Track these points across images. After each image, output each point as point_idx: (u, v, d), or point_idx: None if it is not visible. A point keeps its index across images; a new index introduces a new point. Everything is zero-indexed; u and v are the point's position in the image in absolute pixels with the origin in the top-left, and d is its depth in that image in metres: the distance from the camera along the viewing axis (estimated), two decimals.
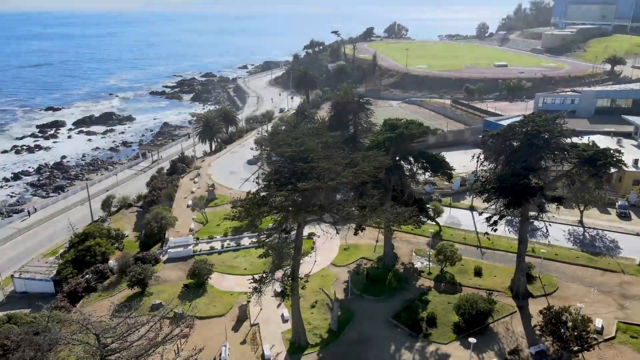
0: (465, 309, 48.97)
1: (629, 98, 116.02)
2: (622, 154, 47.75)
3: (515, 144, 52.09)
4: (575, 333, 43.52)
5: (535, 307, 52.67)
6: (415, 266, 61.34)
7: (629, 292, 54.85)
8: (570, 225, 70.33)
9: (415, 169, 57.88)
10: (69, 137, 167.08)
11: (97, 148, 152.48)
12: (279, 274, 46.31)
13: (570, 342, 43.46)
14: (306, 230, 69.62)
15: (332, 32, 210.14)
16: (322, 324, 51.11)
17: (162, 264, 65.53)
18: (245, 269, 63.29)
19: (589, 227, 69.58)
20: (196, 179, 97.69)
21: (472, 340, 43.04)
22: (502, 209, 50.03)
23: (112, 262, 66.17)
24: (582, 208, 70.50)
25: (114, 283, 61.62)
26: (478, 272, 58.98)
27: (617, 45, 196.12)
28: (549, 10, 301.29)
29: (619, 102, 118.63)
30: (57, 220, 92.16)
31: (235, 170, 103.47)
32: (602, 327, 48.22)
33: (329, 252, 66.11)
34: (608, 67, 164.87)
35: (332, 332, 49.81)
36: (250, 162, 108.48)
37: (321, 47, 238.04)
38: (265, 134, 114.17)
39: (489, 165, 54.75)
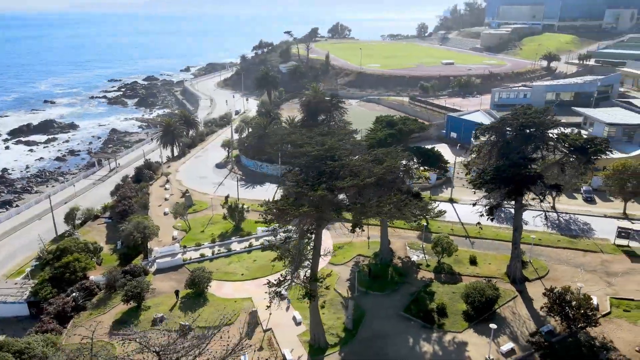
0: (475, 297, 50.57)
1: (572, 91, 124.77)
2: (608, 141, 51.44)
3: (507, 136, 54.44)
4: (582, 311, 46.30)
5: (533, 290, 55.53)
6: (412, 259, 62.54)
7: (611, 269, 59.10)
8: (545, 211, 74.44)
9: (411, 164, 58.96)
10: (7, 147, 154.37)
11: (42, 158, 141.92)
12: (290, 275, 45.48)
13: (577, 320, 46.19)
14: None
15: (285, 32, 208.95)
16: (335, 323, 50.87)
17: (152, 275, 62.32)
18: (242, 274, 61.72)
19: (562, 212, 74.13)
20: (167, 186, 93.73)
21: (492, 326, 44.61)
22: (500, 198, 52.15)
23: (96, 277, 62.00)
24: (554, 194, 74.84)
25: (103, 299, 57.75)
26: (473, 261, 61.15)
27: (548, 43, 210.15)
28: (481, 10, 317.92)
29: (563, 95, 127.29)
30: (14, 237, 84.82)
31: (205, 175, 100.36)
32: (597, 304, 51.56)
33: (324, 252, 65.57)
34: (545, 63, 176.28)
35: (348, 330, 49.74)
36: (219, 166, 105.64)
37: (270, 48, 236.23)
38: (235, 137, 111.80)
39: (482, 157, 56.74)
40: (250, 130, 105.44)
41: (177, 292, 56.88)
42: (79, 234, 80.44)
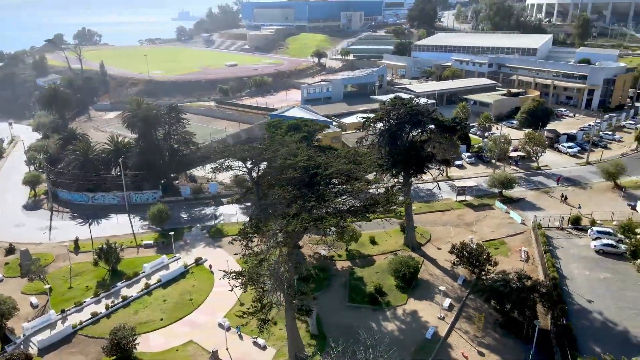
0: (403, 270, 56.70)
1: (361, 82, 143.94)
2: (468, 119, 63.86)
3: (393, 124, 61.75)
4: (484, 257, 57.43)
5: (430, 252, 65.17)
6: (322, 254, 64.92)
7: (466, 220, 73.63)
8: (437, 181, 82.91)
9: None
10: None
11: None
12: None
13: (483, 264, 57.06)
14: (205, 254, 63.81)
15: (45, 41, 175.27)
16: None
17: (38, 359, 48.22)
18: (161, 319, 53.61)
19: (456, 179, 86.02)
20: None
21: (442, 288, 51.27)
22: (405, 178, 59.23)
23: None
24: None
25: None
26: (373, 241, 67.42)
27: (308, 42, 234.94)
28: (235, 13, 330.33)
29: (350, 87, 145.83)
30: None
31: (20, 222, 79.71)
32: None
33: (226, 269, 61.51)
34: (316, 60, 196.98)
35: (316, 336, 49.55)
36: (29, 208, 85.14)
37: (7, 61, 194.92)
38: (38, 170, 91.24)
39: (372, 144, 62.62)
40: (70, 157, 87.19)
41: None
42: None
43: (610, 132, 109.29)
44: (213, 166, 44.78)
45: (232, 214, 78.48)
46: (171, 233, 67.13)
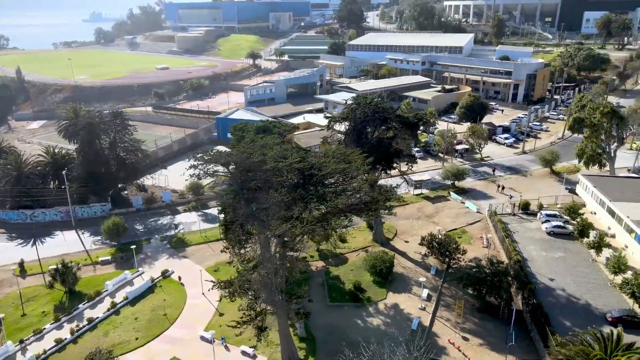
0: (379, 266, 57.65)
1: (303, 82, 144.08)
2: (424, 115, 66.09)
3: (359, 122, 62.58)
4: (454, 246, 60.01)
5: (399, 246, 66.81)
6: (293, 255, 64.19)
7: (426, 212, 76.35)
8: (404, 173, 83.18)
9: None
10: None
11: None
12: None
13: (453, 253, 59.60)
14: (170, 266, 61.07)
15: None
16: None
17: None
18: (136, 338, 50.38)
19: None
20: None
21: (422, 279, 52.75)
22: (377, 175, 60.28)
23: None
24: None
25: None
26: (343, 240, 67.58)
27: (240, 43, 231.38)
28: (157, 14, 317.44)
29: (292, 88, 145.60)
30: None
31: None
32: None
33: (199, 279, 58.81)
34: (251, 61, 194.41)
35: (305, 339, 49.06)
36: None
37: None
38: None
39: (339, 142, 63.09)
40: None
41: None
42: None
43: (538, 123, 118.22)
44: (194, 172, 42.63)
45: (192, 222, 75.59)
46: (133, 247, 63.30)
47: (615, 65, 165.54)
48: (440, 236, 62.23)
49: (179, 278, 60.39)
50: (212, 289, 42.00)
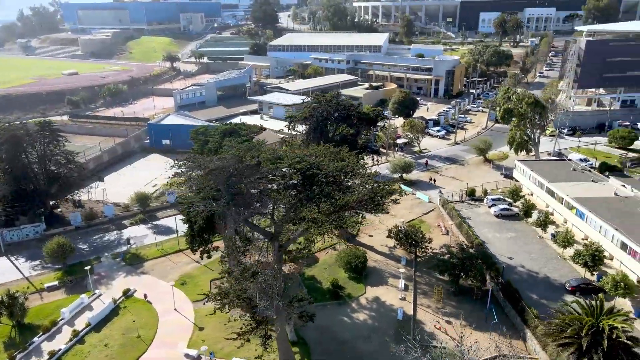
0: (355, 262, 58.18)
1: (233, 84, 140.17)
2: (384, 110, 67.66)
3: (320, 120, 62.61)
4: (420, 236, 62.28)
5: (365, 240, 67.84)
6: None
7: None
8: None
9: None
10: None
11: None
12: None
13: (419, 242, 61.87)
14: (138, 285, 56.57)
15: None
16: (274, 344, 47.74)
17: None
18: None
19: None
20: None
21: (401, 270, 53.97)
22: None
23: None
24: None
25: None
26: (308, 239, 67.22)
27: (152, 45, 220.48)
28: (52, 14, 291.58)
29: (221, 90, 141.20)
30: None
31: None
32: None
33: (166, 295, 55.41)
34: (168, 64, 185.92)
35: (296, 342, 48.07)
36: None
37: None
38: None
39: (302, 142, 62.68)
40: None
41: None
42: None
43: (462, 116, 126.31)
44: (182, 180, 39.70)
45: (143, 235, 70.71)
46: (87, 267, 57.66)
47: (516, 60, 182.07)
48: (405, 227, 64.20)
49: (145, 296, 56.13)
50: (206, 303, 39.50)
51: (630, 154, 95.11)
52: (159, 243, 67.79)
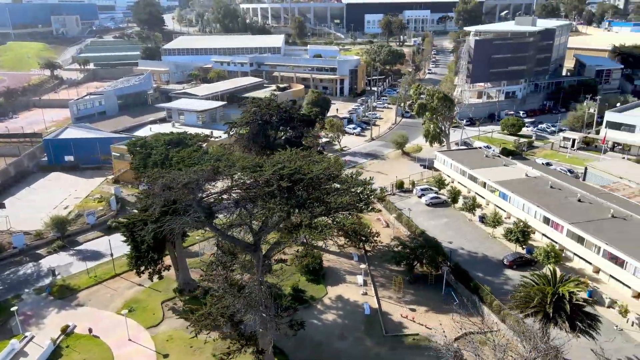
0: (312, 264, 58.17)
1: (136, 91, 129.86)
2: (318, 111, 68.06)
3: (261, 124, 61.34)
4: (368, 231, 63.98)
5: (314, 241, 67.70)
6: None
7: None
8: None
9: None
10: None
11: None
12: None
13: (368, 238, 63.59)
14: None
15: None
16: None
17: None
18: None
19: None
20: None
21: (361, 266, 55.01)
22: None
23: None
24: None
25: None
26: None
27: (24, 52, 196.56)
28: None
29: (121, 99, 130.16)
30: None
31: None
32: None
33: (113, 326, 50.58)
34: (48, 72, 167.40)
35: (274, 353, 46.57)
36: None
37: None
38: None
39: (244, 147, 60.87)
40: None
41: None
42: None
43: (372, 112, 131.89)
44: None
45: (67, 263, 63.24)
46: (14, 308, 49.97)
47: (407, 59, 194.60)
48: (361, 227, 65.40)
49: (89, 330, 50.26)
50: (188, 327, 36.61)
51: (522, 139, 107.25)
52: (90, 270, 61.05)
